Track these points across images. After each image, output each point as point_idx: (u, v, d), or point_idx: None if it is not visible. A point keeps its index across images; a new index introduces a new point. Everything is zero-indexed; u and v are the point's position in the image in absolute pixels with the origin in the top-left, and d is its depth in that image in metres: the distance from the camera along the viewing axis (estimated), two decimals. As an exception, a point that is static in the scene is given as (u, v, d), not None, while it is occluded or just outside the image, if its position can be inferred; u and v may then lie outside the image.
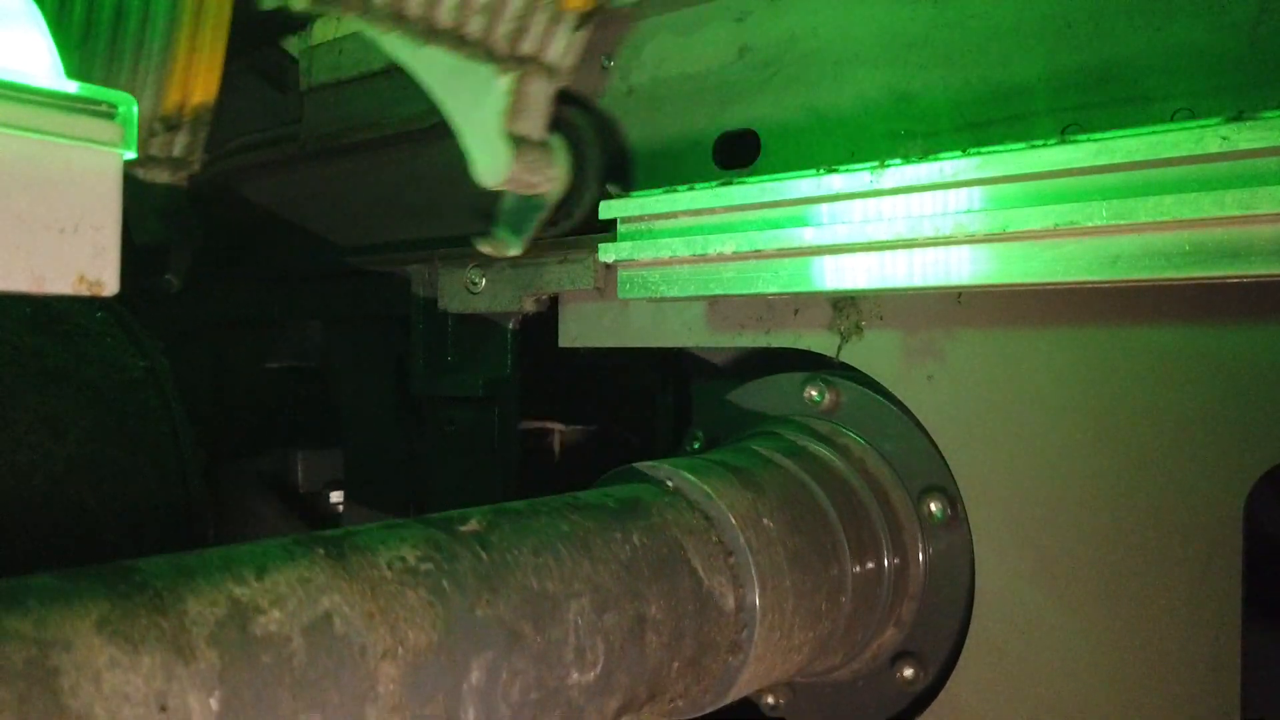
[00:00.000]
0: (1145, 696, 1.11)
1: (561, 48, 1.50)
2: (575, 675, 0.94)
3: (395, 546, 0.87)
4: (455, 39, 1.38)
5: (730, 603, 1.10)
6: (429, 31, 1.36)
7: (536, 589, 0.93)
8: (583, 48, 1.53)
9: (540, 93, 1.52)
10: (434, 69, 1.48)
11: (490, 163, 1.51)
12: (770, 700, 1.42)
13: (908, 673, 1.30)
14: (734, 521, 1.13)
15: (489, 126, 1.49)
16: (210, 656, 0.70)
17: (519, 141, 1.51)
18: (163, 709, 0.66)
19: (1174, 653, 1.10)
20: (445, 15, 1.36)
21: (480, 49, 1.42)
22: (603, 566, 1.00)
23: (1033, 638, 1.19)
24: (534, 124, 1.53)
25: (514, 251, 1.62)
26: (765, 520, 1.16)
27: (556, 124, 1.57)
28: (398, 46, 1.40)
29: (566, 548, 0.99)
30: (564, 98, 1.59)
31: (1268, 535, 1.21)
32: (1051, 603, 1.18)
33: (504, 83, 1.47)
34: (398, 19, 1.32)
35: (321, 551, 0.82)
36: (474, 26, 1.39)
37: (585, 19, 1.51)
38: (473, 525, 0.95)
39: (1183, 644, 1.09)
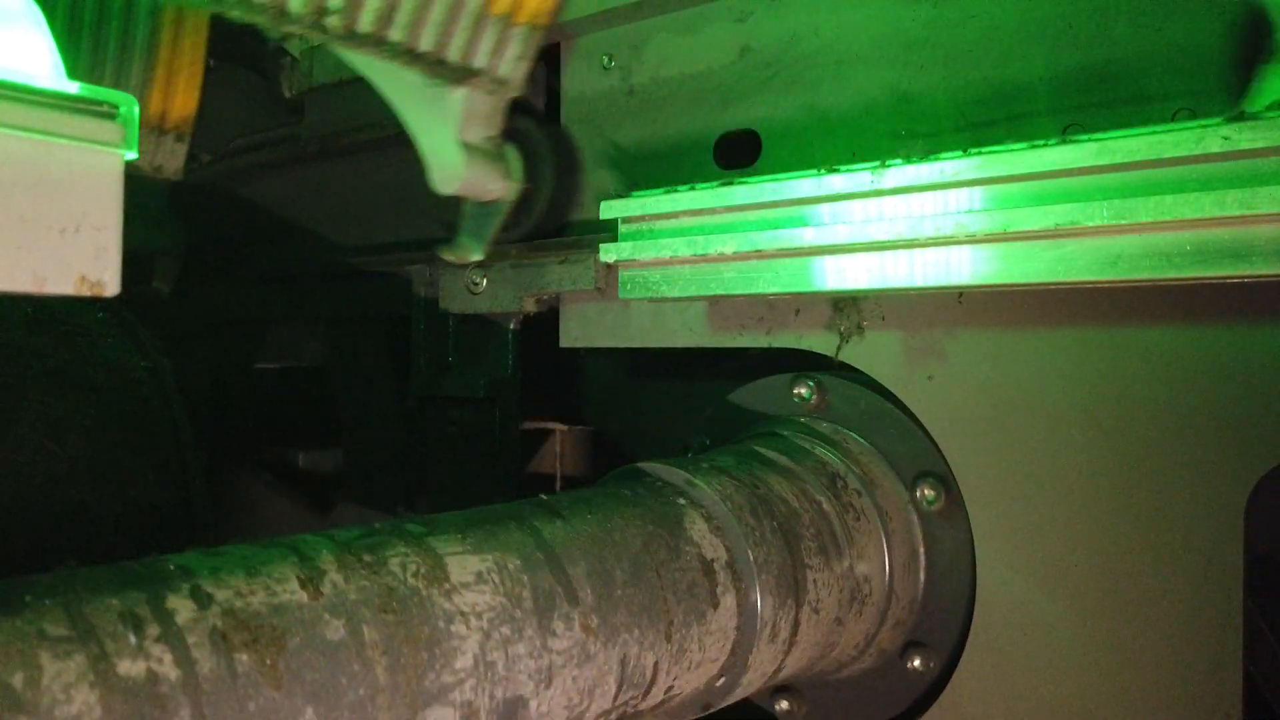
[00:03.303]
0: (1147, 695, 1.11)
1: (512, 61, 1.55)
2: (576, 678, 0.94)
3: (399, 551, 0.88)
4: (407, 54, 1.43)
5: (732, 604, 1.10)
6: (380, 46, 1.40)
7: (538, 590, 0.93)
8: (534, 60, 1.58)
9: (492, 104, 1.58)
10: (391, 81, 1.56)
11: (444, 170, 1.59)
12: (785, 705, 1.41)
13: (917, 663, 1.30)
14: (736, 523, 1.13)
15: (443, 136, 1.57)
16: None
17: (472, 150, 1.58)
18: None
19: (1175, 652, 1.10)
20: (397, 32, 1.40)
21: (432, 64, 1.46)
22: (605, 569, 1.00)
23: (1035, 638, 1.19)
24: (486, 133, 1.60)
25: (475, 256, 1.68)
26: (767, 521, 1.16)
27: (510, 133, 1.64)
28: (356, 60, 1.46)
29: (568, 550, 0.99)
30: (518, 107, 1.65)
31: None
32: (1054, 603, 1.18)
33: (457, 94, 1.54)
34: (350, 36, 1.36)
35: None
36: (425, 42, 1.43)
37: (535, 33, 1.56)
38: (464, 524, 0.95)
39: (1184, 643, 1.09)
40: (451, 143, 1.56)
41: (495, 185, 1.62)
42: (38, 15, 0.88)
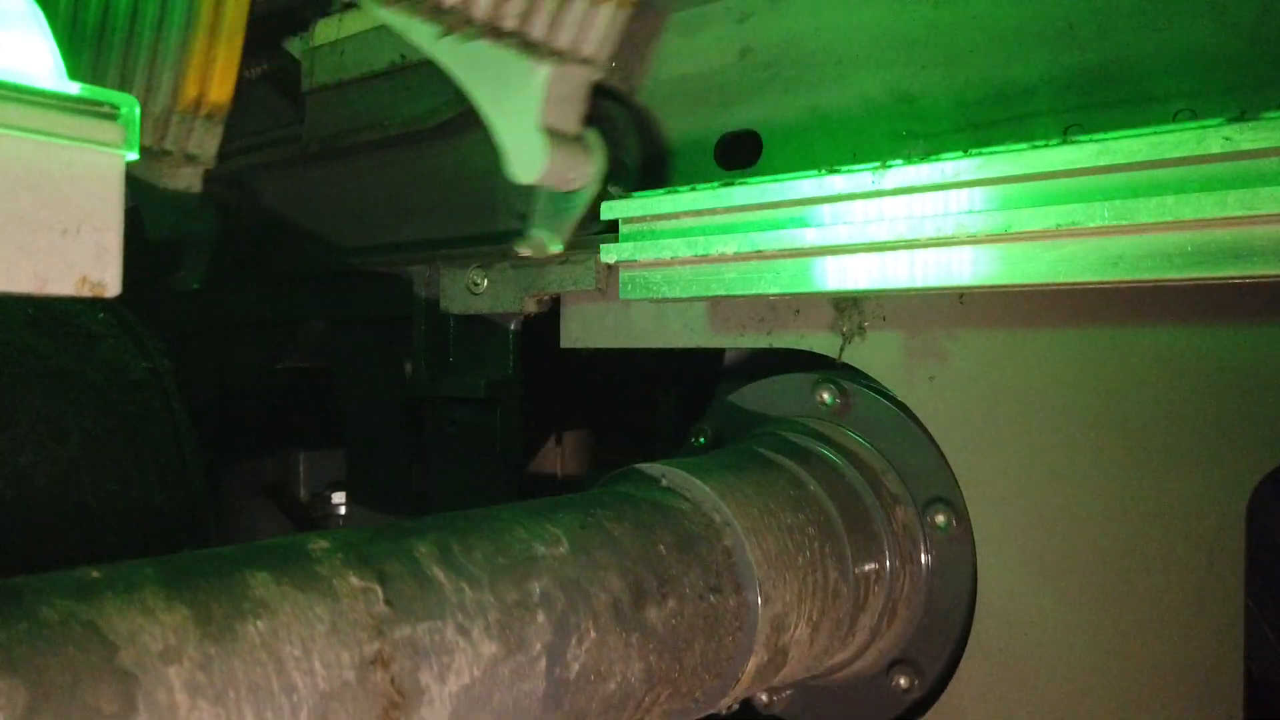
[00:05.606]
0: (1148, 699, 1.11)
1: (599, 39, 1.46)
2: (577, 681, 0.94)
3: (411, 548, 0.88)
4: (492, 30, 1.35)
5: (733, 607, 1.10)
6: (465, 22, 1.33)
7: (543, 594, 0.93)
8: (620, 39, 1.50)
9: (577, 85, 1.48)
10: (467, 62, 1.45)
11: (525, 158, 1.47)
12: (765, 699, 1.42)
13: (903, 680, 1.30)
14: (738, 525, 1.13)
15: (524, 120, 1.46)
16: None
17: (554, 136, 1.47)
18: None
19: (1177, 655, 1.09)
20: (482, 5, 1.33)
21: (516, 40, 1.38)
22: (607, 571, 1.00)
23: (1035, 639, 1.19)
24: (570, 118, 1.49)
25: (555, 249, 1.57)
26: (769, 524, 1.16)
27: (592, 118, 1.53)
28: (430, 39, 1.38)
29: (572, 553, 0.99)
30: (600, 91, 1.56)
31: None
32: (1053, 604, 1.17)
33: (540, 75, 1.43)
34: (436, 10, 1.29)
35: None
36: (510, 17, 1.36)
37: (624, 9, 1.47)
38: (479, 529, 0.95)
39: (1185, 646, 1.09)
40: (533, 128, 1.45)
41: (578, 174, 1.51)
42: (39, 16, 0.88)
